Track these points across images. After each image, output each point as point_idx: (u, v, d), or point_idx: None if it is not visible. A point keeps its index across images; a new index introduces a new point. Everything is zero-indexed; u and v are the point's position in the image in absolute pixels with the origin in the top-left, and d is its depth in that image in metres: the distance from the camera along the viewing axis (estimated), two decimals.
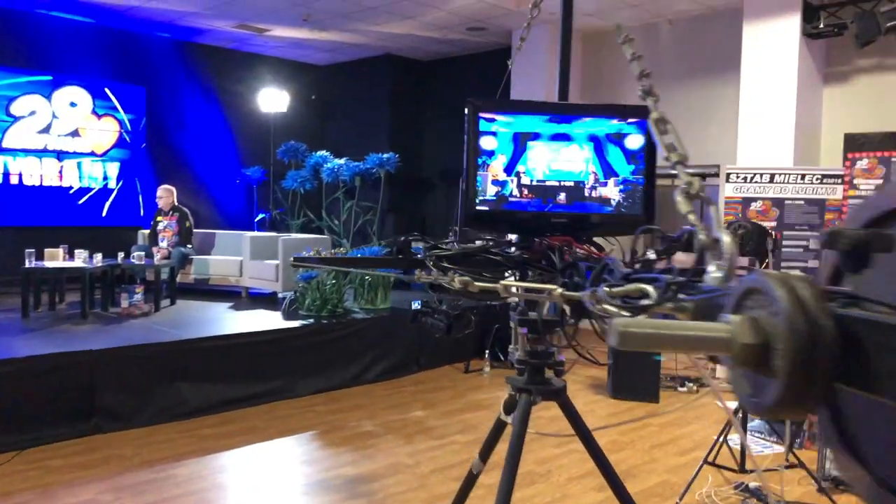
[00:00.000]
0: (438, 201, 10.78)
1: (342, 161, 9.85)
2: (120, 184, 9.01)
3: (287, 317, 6.59)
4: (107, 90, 8.84)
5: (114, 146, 8.95)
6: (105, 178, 8.89)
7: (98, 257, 6.53)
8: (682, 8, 7.86)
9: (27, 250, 6.34)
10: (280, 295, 7.65)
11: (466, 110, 2.19)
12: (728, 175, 6.38)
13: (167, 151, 9.66)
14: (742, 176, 6.32)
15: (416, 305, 6.73)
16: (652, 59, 8.53)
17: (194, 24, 9.14)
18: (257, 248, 7.97)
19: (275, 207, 10.40)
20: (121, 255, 6.95)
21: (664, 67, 8.40)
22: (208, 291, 8.14)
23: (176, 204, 8.10)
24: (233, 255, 8.27)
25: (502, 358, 7.15)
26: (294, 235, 8.20)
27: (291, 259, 2.39)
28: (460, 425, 5.26)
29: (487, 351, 6.97)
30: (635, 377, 6.04)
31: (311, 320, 6.39)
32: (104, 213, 8.88)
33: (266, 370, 5.83)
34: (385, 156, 9.48)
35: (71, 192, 8.61)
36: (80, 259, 6.65)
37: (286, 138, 10.49)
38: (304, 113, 10.99)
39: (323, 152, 10.13)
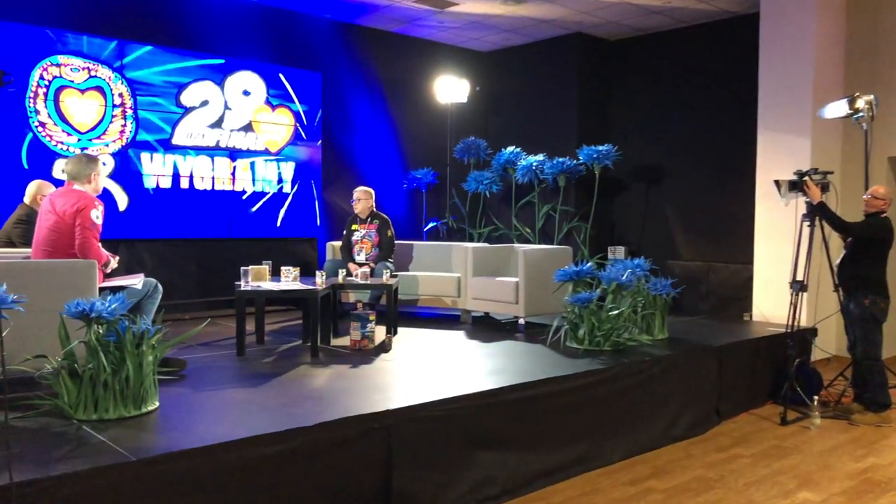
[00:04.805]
0: (632, 205, 9.09)
1: (540, 157, 8.32)
2: (295, 187, 7.64)
3: (562, 352, 5.04)
4: (281, 76, 7.49)
5: (289, 143, 7.59)
6: (280, 180, 7.53)
7: (320, 277, 5.09)
8: None
9: (243, 268, 4.95)
10: (521, 321, 6.11)
11: None
12: None
13: (336, 150, 8.29)
14: None
15: None
16: None
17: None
18: (478, 262, 6.47)
19: (450, 214, 8.93)
20: (342, 272, 5.52)
21: None
22: (415, 316, 6.68)
23: (375, 210, 6.66)
24: (441, 270, 6.79)
25: (808, 402, 5.47)
26: (534, 246, 6.67)
27: None
28: None
29: (816, 398, 5.27)
30: None
31: (602, 358, 4.82)
32: (278, 223, 7.52)
33: (568, 429, 4.28)
34: (602, 148, 7.89)
35: (244, 197, 7.28)
36: (289, 277, 5.23)
37: (458, 135, 9.03)
38: (469, 106, 9.45)
39: (513, 148, 8.62)
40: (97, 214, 4.00)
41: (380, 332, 5.44)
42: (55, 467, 2.58)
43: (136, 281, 4.18)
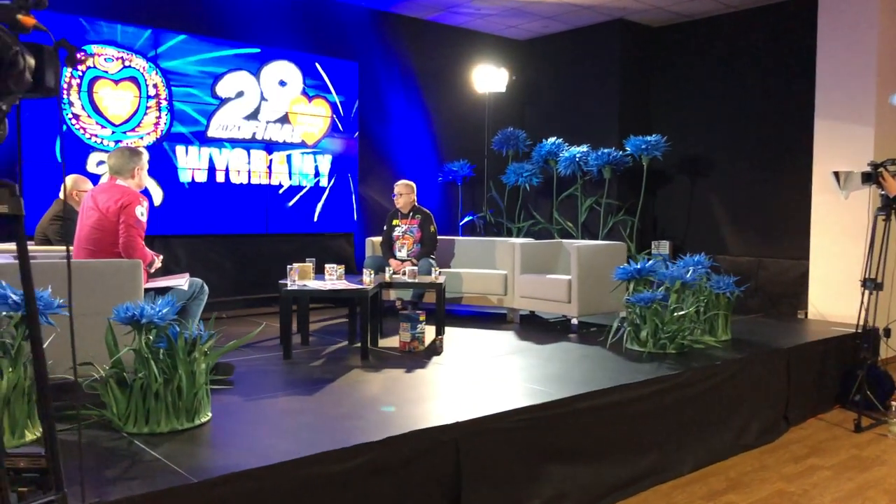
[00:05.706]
0: (676, 198, 8.74)
1: (584, 148, 8.03)
2: (332, 181, 7.40)
3: (624, 355, 4.77)
4: (317, 65, 7.24)
5: (325, 135, 7.35)
6: (317, 174, 7.29)
7: (369, 275, 4.85)
8: None
9: (289, 266, 4.72)
10: (573, 321, 5.83)
11: None
12: None
13: (372, 142, 8.04)
14: None
15: None
16: None
17: None
18: (526, 259, 6.20)
19: (487, 208, 8.65)
20: (388, 270, 5.29)
21: None
22: (458, 314, 6.43)
23: (416, 204, 6.41)
24: (484, 267, 6.53)
25: (881, 407, 5.16)
26: (586, 242, 6.38)
27: None
28: None
29: (895, 403, 4.95)
30: None
31: (668, 361, 4.54)
32: (315, 218, 7.28)
33: (638, 439, 4.01)
34: (650, 138, 7.58)
35: (280, 191, 7.05)
36: (334, 276, 5.00)
37: (494, 125, 8.74)
38: (505, 96, 9.11)
39: (554, 139, 8.33)
40: (142, 211, 3.78)
41: (428, 333, 5.19)
42: (114, 489, 2.36)
43: (182, 281, 3.96)
